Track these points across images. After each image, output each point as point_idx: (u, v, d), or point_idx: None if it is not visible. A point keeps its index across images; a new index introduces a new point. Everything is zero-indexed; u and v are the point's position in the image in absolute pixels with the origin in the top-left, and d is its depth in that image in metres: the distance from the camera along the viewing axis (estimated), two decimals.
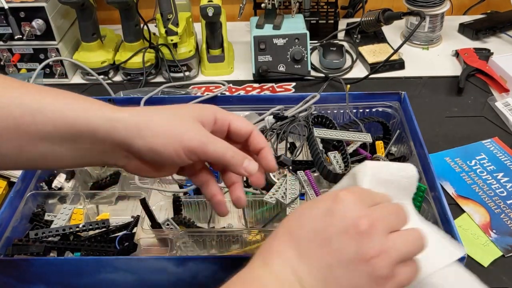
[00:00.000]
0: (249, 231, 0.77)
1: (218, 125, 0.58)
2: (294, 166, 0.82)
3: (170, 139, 0.53)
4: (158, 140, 0.52)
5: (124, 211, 0.87)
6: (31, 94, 0.52)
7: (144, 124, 0.53)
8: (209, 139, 0.55)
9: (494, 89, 1.16)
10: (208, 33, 1.21)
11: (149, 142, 0.52)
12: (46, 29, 1.16)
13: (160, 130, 0.53)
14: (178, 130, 0.53)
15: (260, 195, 0.80)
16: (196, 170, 0.60)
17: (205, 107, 0.58)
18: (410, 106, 0.91)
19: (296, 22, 1.23)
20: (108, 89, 1.12)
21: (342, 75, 1.23)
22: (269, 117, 0.89)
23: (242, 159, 0.56)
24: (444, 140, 1.02)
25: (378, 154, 0.89)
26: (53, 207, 0.87)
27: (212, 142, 0.55)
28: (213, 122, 0.57)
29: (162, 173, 0.59)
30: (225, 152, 0.55)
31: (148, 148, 0.53)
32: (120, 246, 0.76)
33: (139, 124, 0.52)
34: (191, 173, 0.60)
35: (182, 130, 0.53)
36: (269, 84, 1.20)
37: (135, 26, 1.21)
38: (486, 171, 0.94)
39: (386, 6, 1.29)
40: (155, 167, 0.57)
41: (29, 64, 1.22)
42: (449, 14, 1.41)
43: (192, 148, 0.53)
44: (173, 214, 0.82)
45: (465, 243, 0.79)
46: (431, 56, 1.29)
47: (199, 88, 1.18)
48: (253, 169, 0.57)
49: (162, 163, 0.56)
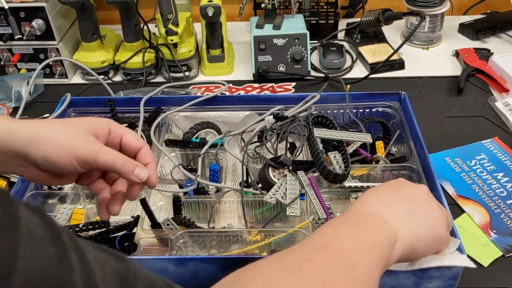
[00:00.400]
0: (249, 231, 0.77)
1: (111, 137, 0.64)
2: (294, 166, 0.82)
3: (63, 148, 0.58)
4: (53, 150, 0.57)
5: (124, 211, 0.87)
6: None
7: (40, 135, 0.58)
8: (100, 148, 0.60)
9: (494, 89, 1.16)
10: (208, 33, 1.21)
11: (44, 151, 0.57)
12: (46, 29, 1.17)
13: (54, 141, 0.58)
14: (71, 141, 0.59)
15: (260, 195, 0.80)
16: (92, 180, 0.66)
17: (99, 120, 0.64)
18: (410, 106, 0.91)
19: (296, 22, 1.23)
20: (108, 89, 1.12)
21: (342, 75, 1.23)
22: (269, 117, 0.89)
23: (133, 167, 0.62)
24: (444, 140, 1.02)
25: (378, 154, 0.89)
26: (53, 207, 0.87)
27: (103, 151, 0.60)
28: (107, 134, 0.63)
29: (62, 181, 0.64)
30: (115, 160, 0.60)
31: (43, 157, 0.58)
32: (120, 246, 0.76)
33: (35, 135, 0.57)
34: (88, 182, 0.66)
35: (75, 140, 0.59)
36: (269, 84, 1.20)
37: (135, 26, 1.21)
38: (486, 171, 0.94)
39: (386, 6, 1.29)
40: (54, 176, 0.62)
41: (29, 64, 1.22)
42: (449, 14, 1.41)
43: (84, 157, 0.59)
44: (173, 214, 0.82)
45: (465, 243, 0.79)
46: (431, 56, 1.29)
47: (199, 88, 1.17)
48: (143, 176, 0.62)
49: (58, 172, 0.60)
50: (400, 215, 0.58)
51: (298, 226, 0.76)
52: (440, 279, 0.66)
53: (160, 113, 0.96)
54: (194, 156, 0.88)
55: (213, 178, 0.87)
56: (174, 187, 0.87)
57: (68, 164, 0.58)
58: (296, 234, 0.76)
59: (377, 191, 0.62)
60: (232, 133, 0.90)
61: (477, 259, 0.79)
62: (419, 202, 0.61)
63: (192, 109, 0.97)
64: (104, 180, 0.67)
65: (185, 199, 0.82)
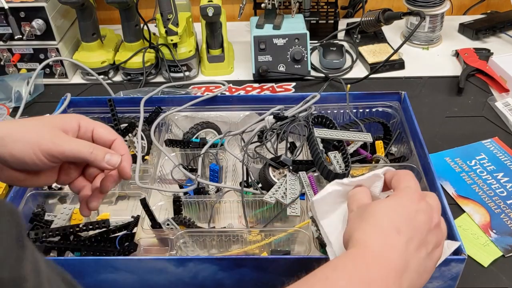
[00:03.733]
0: (249, 231, 0.77)
1: (82, 132, 0.64)
2: (294, 166, 0.82)
3: (28, 144, 0.59)
4: (18, 146, 0.58)
5: (124, 211, 0.87)
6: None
7: (5, 133, 0.58)
8: (66, 140, 0.61)
9: (494, 89, 1.16)
10: (208, 33, 1.21)
11: (11, 148, 0.58)
12: (46, 29, 1.17)
13: (20, 137, 0.59)
14: (36, 136, 0.59)
15: (260, 195, 0.80)
16: (72, 178, 0.66)
17: (67, 116, 0.65)
18: (410, 106, 0.91)
19: (296, 22, 1.23)
20: (108, 89, 1.12)
21: (342, 75, 1.23)
22: (269, 117, 0.89)
23: (103, 153, 0.62)
24: (444, 140, 1.02)
25: (378, 154, 0.89)
26: (53, 207, 0.87)
27: (67, 142, 0.61)
28: (77, 129, 0.64)
29: (40, 181, 0.64)
30: (81, 149, 0.61)
31: (11, 154, 0.58)
32: (120, 246, 0.76)
33: (1, 134, 0.58)
34: (68, 181, 0.67)
35: (40, 135, 0.60)
36: (269, 84, 1.20)
37: (135, 26, 1.21)
38: (486, 171, 0.94)
39: (386, 6, 1.29)
40: (29, 175, 0.62)
41: (29, 64, 1.22)
42: (449, 14, 1.41)
43: (49, 150, 0.59)
44: (173, 214, 0.82)
45: (465, 243, 0.79)
46: (431, 56, 1.29)
47: (199, 88, 1.17)
48: (115, 161, 0.62)
49: (29, 169, 0.61)
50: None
51: (298, 226, 0.76)
52: (440, 279, 0.67)
53: (160, 113, 0.96)
54: (194, 156, 0.88)
55: (213, 178, 0.87)
56: (174, 187, 0.87)
57: (35, 159, 0.59)
58: (296, 233, 0.76)
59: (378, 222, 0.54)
60: (232, 133, 0.90)
61: (477, 259, 0.79)
62: (419, 235, 0.54)
63: (192, 109, 0.97)
64: (84, 178, 0.68)
65: (185, 199, 0.82)
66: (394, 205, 0.55)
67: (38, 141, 0.59)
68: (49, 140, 0.60)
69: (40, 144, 0.59)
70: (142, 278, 0.70)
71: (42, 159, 0.59)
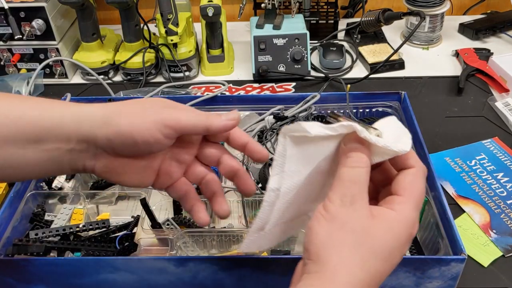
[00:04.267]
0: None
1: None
2: None
3: (138, 118, 0.51)
4: (126, 121, 0.51)
5: (124, 211, 0.87)
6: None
7: (111, 113, 0.51)
8: (179, 109, 0.54)
9: (494, 89, 1.16)
10: (208, 33, 1.21)
11: (117, 125, 0.51)
12: (46, 29, 1.16)
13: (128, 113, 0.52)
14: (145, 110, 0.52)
15: (260, 195, 0.80)
16: (173, 180, 0.57)
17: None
18: (410, 106, 0.91)
19: (296, 22, 1.23)
20: (108, 89, 1.12)
21: (342, 75, 1.23)
22: (269, 117, 0.89)
23: (218, 116, 0.54)
24: (444, 140, 1.02)
25: None
26: (53, 207, 0.87)
27: (182, 111, 0.53)
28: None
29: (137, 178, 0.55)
30: (198, 116, 0.53)
31: (116, 132, 0.51)
32: (120, 246, 0.76)
33: (105, 114, 0.51)
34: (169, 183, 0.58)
35: (150, 110, 0.52)
36: (269, 84, 1.20)
37: (135, 26, 1.21)
38: (486, 171, 0.94)
39: (386, 6, 1.29)
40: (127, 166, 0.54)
41: (29, 64, 1.22)
42: (449, 14, 1.41)
43: (164, 120, 0.51)
44: (173, 214, 0.82)
45: (465, 243, 0.79)
46: (431, 56, 1.29)
47: (199, 88, 1.18)
48: (234, 115, 0.54)
49: (136, 152, 0.53)
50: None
51: None
52: (440, 279, 0.67)
53: None
54: None
55: None
56: None
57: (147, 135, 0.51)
58: (296, 233, 0.76)
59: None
60: None
61: (477, 259, 0.79)
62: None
63: None
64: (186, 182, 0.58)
65: None
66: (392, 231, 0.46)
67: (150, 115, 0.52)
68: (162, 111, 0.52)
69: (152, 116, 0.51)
70: (142, 278, 0.70)
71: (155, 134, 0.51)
